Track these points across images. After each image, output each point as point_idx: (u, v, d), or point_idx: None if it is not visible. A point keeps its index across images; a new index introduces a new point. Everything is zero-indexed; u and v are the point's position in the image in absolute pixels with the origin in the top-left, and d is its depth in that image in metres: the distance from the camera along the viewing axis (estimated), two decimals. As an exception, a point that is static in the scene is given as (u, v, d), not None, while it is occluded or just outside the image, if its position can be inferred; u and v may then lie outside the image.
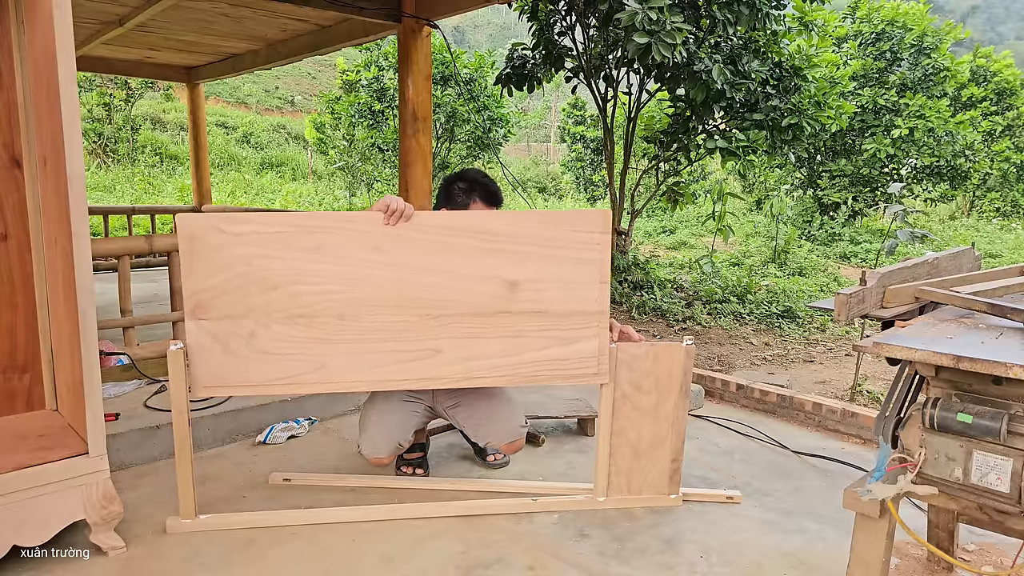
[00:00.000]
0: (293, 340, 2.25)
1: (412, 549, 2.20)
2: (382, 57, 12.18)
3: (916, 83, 12.87)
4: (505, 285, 2.31)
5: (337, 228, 2.24)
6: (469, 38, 63.71)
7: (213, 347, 2.22)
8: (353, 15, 4.67)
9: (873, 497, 1.58)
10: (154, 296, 5.85)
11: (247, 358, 2.24)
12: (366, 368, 2.30)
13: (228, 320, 2.21)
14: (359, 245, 2.24)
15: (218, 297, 2.20)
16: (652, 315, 6.01)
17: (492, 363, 2.35)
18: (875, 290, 1.76)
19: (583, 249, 2.32)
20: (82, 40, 5.94)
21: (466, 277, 2.30)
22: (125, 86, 16.35)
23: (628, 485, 2.49)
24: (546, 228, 2.30)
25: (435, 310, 2.30)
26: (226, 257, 2.19)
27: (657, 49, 4.64)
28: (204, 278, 2.19)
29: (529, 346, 2.35)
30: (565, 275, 2.33)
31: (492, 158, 13.85)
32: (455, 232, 2.28)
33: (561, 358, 2.37)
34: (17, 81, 2.41)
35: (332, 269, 2.24)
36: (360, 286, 2.26)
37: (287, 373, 2.27)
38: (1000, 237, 13.04)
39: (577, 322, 2.36)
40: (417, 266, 2.27)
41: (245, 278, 2.21)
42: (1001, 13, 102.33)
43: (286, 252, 2.22)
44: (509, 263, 2.30)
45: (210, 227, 2.18)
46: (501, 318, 2.32)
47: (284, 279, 2.23)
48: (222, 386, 2.25)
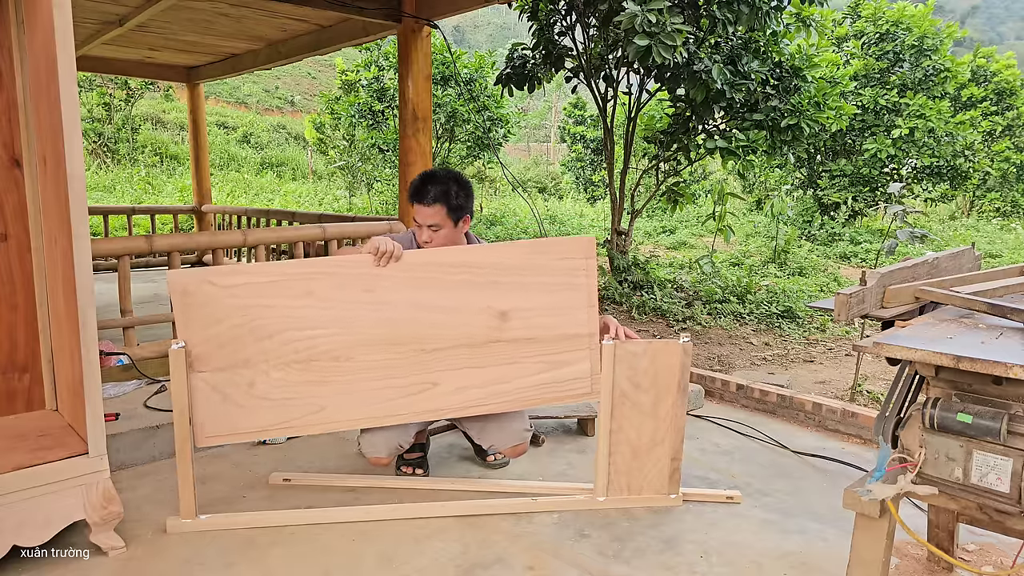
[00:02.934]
0: (291, 384, 2.29)
1: (412, 549, 2.20)
2: (382, 57, 12.19)
3: (917, 83, 12.87)
4: (496, 315, 2.36)
5: (327, 273, 2.28)
6: (469, 38, 63.70)
7: (213, 397, 2.25)
8: (353, 15, 4.67)
9: (873, 497, 1.58)
10: (154, 296, 5.85)
11: (246, 406, 2.28)
12: (364, 406, 2.35)
13: (226, 371, 2.25)
14: (350, 288, 2.28)
15: (215, 350, 2.23)
16: (652, 315, 6.01)
17: (488, 391, 2.40)
18: (875, 290, 1.76)
19: (570, 275, 2.37)
20: (82, 40, 5.94)
21: (457, 311, 2.34)
22: (125, 86, 16.35)
23: (628, 485, 2.49)
24: (532, 258, 2.35)
25: (428, 345, 2.35)
26: (220, 309, 2.22)
27: (657, 51, 4.64)
28: (199, 331, 2.22)
29: (523, 372, 2.41)
30: (554, 302, 2.38)
31: (492, 158, 13.85)
32: (443, 268, 2.32)
33: (555, 381, 2.43)
34: (17, 81, 2.41)
35: (325, 313, 2.28)
36: (353, 327, 2.30)
37: (287, 417, 2.31)
38: (1000, 237, 13.04)
39: (568, 345, 2.41)
40: (408, 303, 2.32)
41: (240, 328, 2.24)
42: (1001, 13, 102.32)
43: (279, 300, 2.25)
44: (498, 294, 2.35)
45: (202, 281, 2.21)
46: (493, 347, 2.38)
47: (279, 326, 2.26)
48: (225, 435, 2.30)
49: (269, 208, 9.40)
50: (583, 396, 2.46)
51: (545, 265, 2.36)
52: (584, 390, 2.44)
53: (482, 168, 17.59)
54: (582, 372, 2.43)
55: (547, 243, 2.40)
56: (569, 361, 2.42)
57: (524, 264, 2.35)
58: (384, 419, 2.39)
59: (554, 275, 2.36)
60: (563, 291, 2.37)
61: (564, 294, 2.38)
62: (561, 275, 2.37)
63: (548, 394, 2.44)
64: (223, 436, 2.29)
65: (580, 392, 2.45)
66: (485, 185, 19.53)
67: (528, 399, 2.43)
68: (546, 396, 2.44)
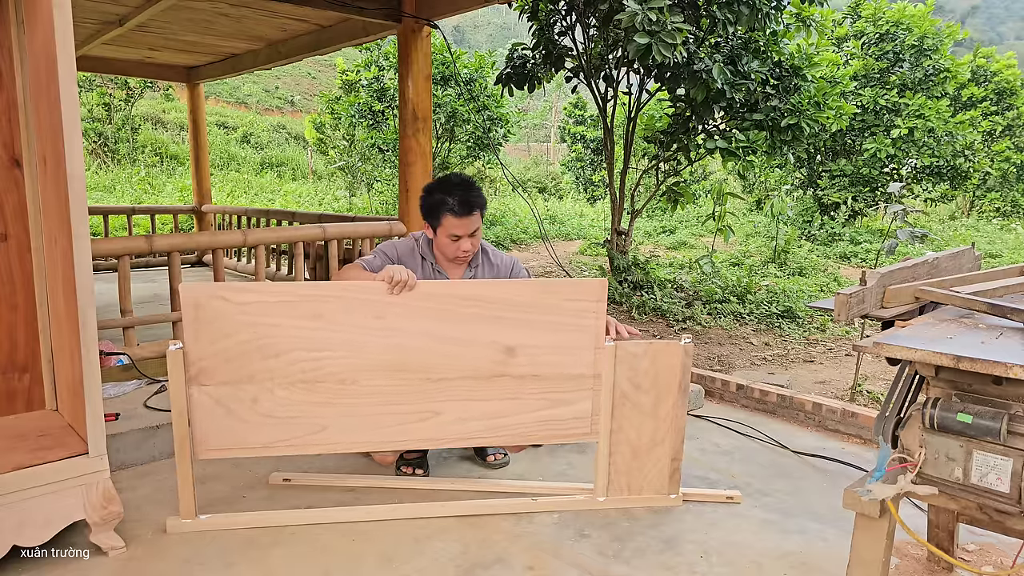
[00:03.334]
0: (295, 404, 2.31)
1: (412, 549, 2.20)
2: (382, 57, 12.18)
3: (916, 83, 12.87)
4: (503, 350, 2.38)
5: (338, 297, 2.29)
6: (469, 38, 63.70)
7: (216, 411, 2.26)
8: (353, 15, 4.67)
9: (873, 497, 1.58)
10: (154, 296, 5.85)
11: (250, 421, 2.29)
12: (366, 430, 2.37)
13: (231, 385, 2.26)
14: (360, 313, 2.30)
15: (222, 364, 2.25)
16: (652, 315, 6.01)
17: (489, 424, 2.42)
18: (875, 290, 1.76)
19: (579, 316, 2.39)
20: (82, 40, 5.94)
21: (465, 342, 2.36)
22: (125, 86, 16.35)
23: (628, 485, 2.49)
24: (544, 297, 2.37)
25: (435, 374, 2.36)
26: (229, 325, 2.23)
27: (658, 50, 4.64)
28: (208, 345, 2.23)
29: (524, 408, 2.42)
30: (561, 341, 2.40)
31: (492, 158, 13.85)
32: (455, 300, 2.34)
33: (555, 419, 2.44)
34: (17, 81, 2.41)
35: (333, 336, 2.29)
36: (361, 352, 2.31)
37: (289, 435, 2.32)
38: (1000, 237, 13.03)
39: (571, 385, 2.43)
40: (418, 332, 2.33)
41: (248, 345, 2.25)
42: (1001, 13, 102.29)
43: (289, 320, 2.26)
44: (507, 329, 2.36)
45: (213, 296, 2.22)
46: (498, 381, 2.39)
47: (287, 346, 2.27)
48: (226, 449, 2.30)
49: (269, 208, 9.39)
50: (582, 436, 2.48)
51: (555, 305, 2.38)
52: (583, 430, 2.47)
53: (482, 168, 17.57)
54: (583, 412, 2.45)
55: (559, 284, 2.45)
56: (571, 401, 2.44)
57: (534, 302, 2.37)
58: (385, 444, 2.41)
59: (563, 315, 2.38)
60: (571, 331, 2.40)
61: (571, 334, 2.40)
62: (570, 316, 2.39)
63: (546, 431, 2.46)
64: (225, 450, 2.31)
65: (579, 432, 2.48)
66: (485, 185, 19.52)
67: (526, 435, 2.46)
68: (544, 433, 2.47)
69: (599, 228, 13.35)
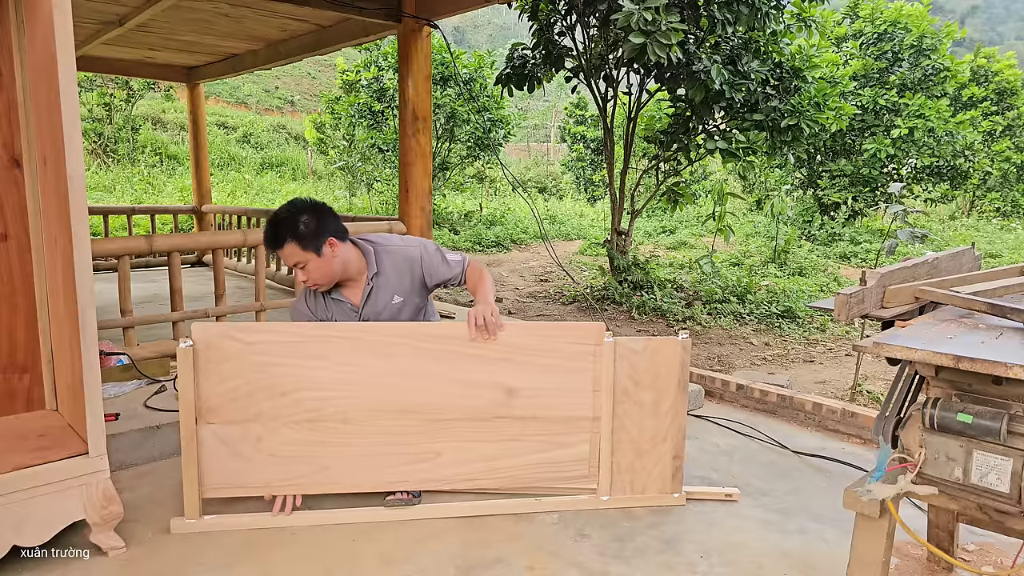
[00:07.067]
0: (299, 443, 2.32)
1: (412, 549, 2.20)
2: (382, 57, 12.19)
3: (916, 83, 12.87)
4: (504, 391, 2.39)
5: (344, 338, 2.31)
6: (469, 38, 63.68)
7: (222, 450, 2.28)
8: (353, 15, 4.67)
9: (873, 497, 1.58)
10: (154, 296, 5.85)
11: (254, 460, 2.31)
12: (368, 470, 2.38)
13: (237, 424, 2.28)
14: (364, 353, 2.32)
15: (229, 403, 2.27)
16: (652, 315, 6.01)
17: (489, 465, 2.44)
18: (875, 290, 1.76)
19: (579, 359, 2.41)
20: (82, 40, 5.94)
21: (467, 384, 2.38)
22: (125, 86, 16.33)
23: (631, 483, 2.49)
24: (546, 340, 2.40)
25: (437, 415, 2.38)
26: (238, 365, 2.26)
27: (652, 49, 4.65)
28: (216, 384, 2.25)
29: (524, 450, 2.44)
30: (560, 383, 2.41)
31: (492, 158, 13.85)
32: (460, 342, 2.36)
33: (554, 461, 2.46)
34: (17, 81, 2.41)
35: (338, 376, 2.31)
36: (364, 392, 2.33)
37: (292, 475, 2.34)
38: (1000, 237, 13.03)
39: (570, 428, 2.44)
40: (421, 373, 2.35)
41: (255, 384, 2.27)
42: (1001, 13, 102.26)
43: (295, 359, 2.29)
44: (509, 371, 2.38)
45: (224, 336, 2.25)
46: (498, 423, 2.41)
47: (292, 385, 2.30)
48: (231, 487, 2.32)
49: (269, 208, 9.38)
50: (580, 479, 2.48)
51: (556, 348, 2.40)
52: (582, 472, 2.48)
53: (482, 168, 17.58)
54: (581, 455, 2.46)
55: (562, 328, 2.47)
56: (569, 443, 2.45)
57: (536, 345, 2.39)
58: (386, 484, 2.42)
59: (563, 358, 2.40)
60: (570, 374, 2.41)
61: (571, 376, 2.41)
62: (570, 359, 2.41)
63: (545, 474, 2.47)
64: (228, 489, 2.32)
65: (578, 474, 2.48)
66: (485, 185, 19.53)
67: (525, 477, 2.47)
68: (542, 476, 2.47)
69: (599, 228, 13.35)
